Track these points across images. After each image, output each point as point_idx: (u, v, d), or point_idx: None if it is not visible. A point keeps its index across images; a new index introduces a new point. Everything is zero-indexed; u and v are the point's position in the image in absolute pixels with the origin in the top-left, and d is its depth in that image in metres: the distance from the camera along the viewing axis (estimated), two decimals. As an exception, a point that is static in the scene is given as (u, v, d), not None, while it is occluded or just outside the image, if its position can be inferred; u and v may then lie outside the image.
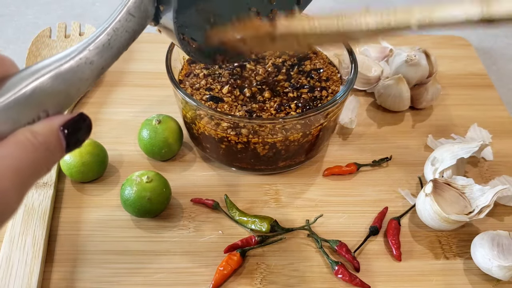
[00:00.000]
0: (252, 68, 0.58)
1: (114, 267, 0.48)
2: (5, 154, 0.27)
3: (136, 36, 0.35)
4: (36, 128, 0.29)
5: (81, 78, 0.31)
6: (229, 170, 0.57)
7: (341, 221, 0.53)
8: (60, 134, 0.30)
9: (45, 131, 0.29)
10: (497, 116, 0.66)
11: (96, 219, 0.52)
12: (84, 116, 0.31)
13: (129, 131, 0.61)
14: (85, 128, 0.31)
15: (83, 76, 0.31)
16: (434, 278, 0.49)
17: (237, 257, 0.48)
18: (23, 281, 0.45)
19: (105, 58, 0.32)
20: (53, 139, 0.29)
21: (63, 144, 0.30)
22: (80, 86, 0.31)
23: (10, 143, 0.28)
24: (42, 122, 0.29)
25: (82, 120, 0.31)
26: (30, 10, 0.84)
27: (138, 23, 0.34)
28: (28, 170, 0.28)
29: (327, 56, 0.61)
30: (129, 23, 0.34)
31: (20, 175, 0.27)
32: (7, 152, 0.27)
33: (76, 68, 0.31)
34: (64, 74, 0.30)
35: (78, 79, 0.31)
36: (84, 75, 0.31)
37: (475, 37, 0.83)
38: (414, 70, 0.64)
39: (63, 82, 0.30)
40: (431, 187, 0.50)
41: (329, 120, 0.53)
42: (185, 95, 0.50)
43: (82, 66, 0.31)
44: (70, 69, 0.30)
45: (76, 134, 0.31)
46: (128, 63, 0.70)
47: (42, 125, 0.29)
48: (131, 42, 0.34)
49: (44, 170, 0.29)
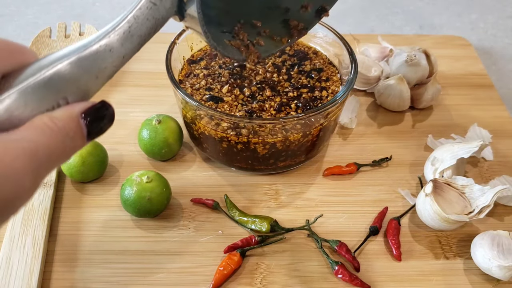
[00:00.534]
0: (252, 68, 0.58)
1: (114, 267, 0.48)
2: (21, 137, 0.26)
3: (159, 27, 0.34)
4: (56, 114, 0.28)
5: (100, 65, 0.30)
6: (229, 170, 0.57)
7: (341, 221, 0.53)
8: (80, 121, 0.29)
9: (64, 117, 0.28)
10: (497, 116, 0.66)
11: (96, 219, 0.52)
12: (106, 104, 0.31)
13: (129, 131, 0.61)
14: (108, 116, 0.31)
15: (103, 63, 0.30)
16: (434, 278, 0.49)
17: (237, 257, 0.48)
18: (23, 281, 0.45)
19: (126, 46, 0.32)
20: (73, 126, 0.29)
21: (84, 131, 0.29)
22: (99, 74, 0.31)
23: (27, 127, 0.27)
24: (62, 108, 0.29)
25: (105, 108, 0.30)
26: (30, 10, 0.84)
27: (160, 11, 0.33)
28: (44, 154, 0.27)
29: (327, 56, 0.61)
30: (150, 11, 0.33)
31: (36, 159, 0.26)
32: (23, 135, 0.26)
33: (95, 55, 0.30)
34: (83, 60, 0.29)
35: (97, 66, 0.30)
36: (104, 62, 0.31)
37: (475, 37, 0.83)
38: (414, 70, 0.64)
39: (82, 68, 0.29)
40: (431, 187, 0.50)
41: (329, 120, 0.53)
42: (185, 95, 0.50)
43: (102, 53, 0.30)
44: (89, 56, 0.30)
45: (99, 122, 0.30)
46: (128, 63, 0.70)
47: (61, 111, 0.28)
48: (154, 32, 0.34)
49: (63, 156, 0.28)
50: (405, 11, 0.88)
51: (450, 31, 0.85)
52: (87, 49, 0.30)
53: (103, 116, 0.30)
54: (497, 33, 0.84)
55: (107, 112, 0.31)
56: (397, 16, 0.87)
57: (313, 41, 0.62)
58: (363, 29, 0.84)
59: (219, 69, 0.58)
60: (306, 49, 0.62)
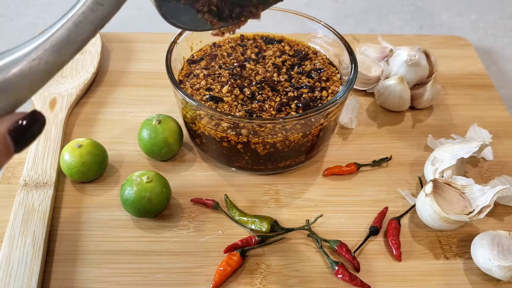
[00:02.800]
0: (252, 67, 0.58)
1: (114, 267, 0.48)
2: None
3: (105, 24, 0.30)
4: None
5: (34, 80, 0.28)
6: (229, 170, 0.57)
7: (341, 221, 0.53)
8: (7, 139, 0.27)
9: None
10: (497, 116, 0.66)
11: (96, 219, 0.52)
12: (37, 114, 0.29)
13: (129, 131, 0.61)
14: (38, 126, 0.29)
15: (37, 77, 0.28)
16: (434, 278, 0.49)
17: (237, 257, 0.48)
18: (23, 281, 0.45)
19: (65, 54, 0.29)
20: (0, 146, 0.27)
21: (10, 148, 0.28)
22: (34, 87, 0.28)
23: None
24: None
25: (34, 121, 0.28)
26: (30, 10, 0.84)
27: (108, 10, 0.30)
28: None
29: (327, 56, 0.61)
30: (95, 13, 0.29)
31: None
32: None
33: (28, 71, 0.28)
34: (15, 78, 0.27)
35: (30, 81, 0.28)
36: (38, 76, 0.28)
37: (475, 37, 0.83)
38: (414, 70, 0.64)
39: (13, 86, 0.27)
40: (431, 187, 0.50)
41: (329, 120, 0.53)
42: (185, 95, 0.50)
43: (36, 68, 0.28)
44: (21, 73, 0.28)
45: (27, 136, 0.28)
46: (128, 63, 0.70)
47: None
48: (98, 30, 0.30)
49: None
50: (405, 11, 0.88)
51: (450, 31, 0.85)
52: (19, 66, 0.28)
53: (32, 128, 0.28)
54: (497, 33, 0.84)
55: (37, 124, 0.29)
56: (397, 16, 0.87)
57: (313, 41, 0.62)
58: (363, 29, 0.84)
59: (219, 69, 0.58)
60: (306, 49, 0.62)
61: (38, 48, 0.28)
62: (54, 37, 0.29)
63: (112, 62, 0.71)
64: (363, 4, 0.90)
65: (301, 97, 0.55)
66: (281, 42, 0.62)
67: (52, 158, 0.56)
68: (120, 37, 0.75)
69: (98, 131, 0.61)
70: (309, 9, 0.88)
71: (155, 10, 0.37)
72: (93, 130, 0.61)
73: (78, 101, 0.65)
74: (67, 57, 0.29)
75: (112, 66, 0.70)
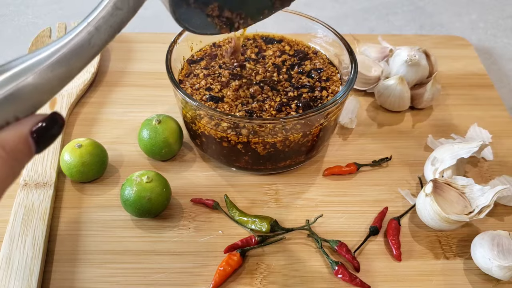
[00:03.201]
0: (252, 67, 0.58)
1: (114, 267, 0.48)
2: None
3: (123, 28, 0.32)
4: (4, 136, 0.27)
5: (55, 82, 0.29)
6: (229, 170, 0.57)
7: (341, 221, 0.53)
8: (29, 140, 0.28)
9: (14, 138, 0.27)
10: (497, 116, 0.66)
11: (96, 219, 0.52)
12: (56, 116, 0.29)
13: (129, 131, 0.61)
14: (57, 127, 0.30)
15: (58, 80, 0.29)
16: (434, 278, 0.49)
17: (237, 257, 0.48)
18: (23, 281, 0.45)
19: (85, 57, 0.30)
20: (22, 147, 0.28)
21: (32, 149, 0.28)
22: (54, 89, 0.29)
23: None
24: (11, 128, 0.28)
25: (55, 122, 0.29)
26: (30, 10, 0.84)
27: (125, 15, 0.31)
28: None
29: (327, 56, 0.61)
30: (114, 18, 0.30)
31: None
32: None
33: (50, 74, 0.29)
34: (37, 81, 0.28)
35: (51, 84, 0.29)
36: (59, 78, 0.29)
37: (475, 37, 0.83)
38: (414, 70, 0.64)
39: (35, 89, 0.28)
40: (431, 187, 0.50)
41: (329, 120, 0.53)
42: (185, 95, 0.50)
43: (57, 71, 0.29)
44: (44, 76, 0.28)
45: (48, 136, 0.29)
46: (128, 63, 0.70)
47: (11, 132, 0.27)
48: (117, 34, 0.31)
49: (12, 180, 0.28)
50: (405, 11, 0.88)
51: (450, 31, 0.85)
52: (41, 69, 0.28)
53: (52, 129, 0.29)
54: (497, 33, 0.84)
55: (57, 125, 0.30)
56: (397, 16, 0.87)
57: (313, 41, 0.62)
58: (363, 29, 0.84)
59: (219, 69, 0.58)
60: (306, 49, 0.62)
61: (60, 51, 0.29)
62: (75, 40, 0.30)
63: (112, 62, 0.70)
64: (363, 4, 0.90)
65: (301, 97, 0.55)
66: (281, 42, 0.62)
67: (52, 158, 0.56)
68: (120, 37, 0.74)
69: (98, 131, 0.61)
70: (309, 9, 0.87)
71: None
72: (93, 130, 0.61)
73: (78, 101, 0.65)
74: (87, 60, 0.30)
75: (112, 66, 0.70)
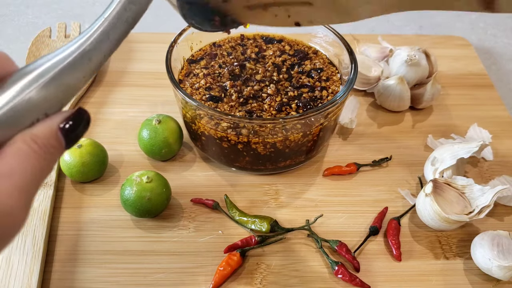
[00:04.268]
0: (252, 67, 0.58)
1: (114, 267, 0.48)
2: (9, 170, 0.26)
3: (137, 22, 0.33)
4: (36, 131, 0.28)
5: (79, 77, 0.30)
6: (229, 170, 0.57)
7: (341, 221, 0.53)
8: (59, 134, 0.29)
9: (45, 133, 0.29)
10: (497, 116, 0.66)
11: (96, 219, 0.52)
12: (82, 111, 0.31)
13: (129, 131, 0.61)
14: (84, 123, 0.31)
15: (82, 74, 0.31)
16: (434, 278, 0.49)
17: (237, 257, 0.48)
18: (23, 281, 0.45)
19: (104, 51, 0.31)
20: (53, 141, 0.29)
21: (63, 144, 0.29)
22: (79, 84, 0.31)
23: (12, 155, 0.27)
24: (42, 124, 0.29)
25: (81, 116, 0.31)
26: (30, 10, 0.84)
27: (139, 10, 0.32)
28: (32, 181, 0.27)
29: (327, 56, 0.61)
30: (128, 13, 0.32)
31: (26, 190, 0.27)
32: (11, 167, 0.27)
33: (75, 68, 0.30)
34: (64, 77, 0.29)
35: (76, 79, 0.30)
36: (83, 73, 0.31)
37: (475, 37, 0.83)
38: (414, 70, 0.64)
39: (63, 85, 0.30)
40: (431, 187, 0.50)
41: (329, 120, 0.53)
42: (185, 95, 0.50)
43: (81, 65, 0.30)
44: (70, 71, 0.30)
45: (76, 131, 0.30)
46: (128, 63, 0.70)
47: (42, 127, 0.29)
48: (132, 28, 0.33)
49: (46, 174, 0.29)
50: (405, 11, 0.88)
51: (450, 31, 0.85)
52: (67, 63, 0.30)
53: (80, 124, 0.30)
54: (497, 33, 0.84)
55: (83, 119, 0.31)
56: (397, 16, 0.87)
57: (313, 41, 0.62)
58: (363, 29, 0.84)
59: (219, 68, 0.58)
60: (306, 49, 0.62)
61: (86, 43, 0.30)
62: (95, 34, 0.31)
63: (112, 62, 0.70)
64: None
65: (301, 96, 0.55)
66: (281, 42, 0.62)
67: (52, 158, 0.56)
68: (120, 37, 0.74)
69: (98, 131, 0.61)
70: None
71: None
72: (93, 130, 0.61)
73: (78, 101, 0.65)
74: (107, 53, 0.32)
75: (112, 66, 0.70)
